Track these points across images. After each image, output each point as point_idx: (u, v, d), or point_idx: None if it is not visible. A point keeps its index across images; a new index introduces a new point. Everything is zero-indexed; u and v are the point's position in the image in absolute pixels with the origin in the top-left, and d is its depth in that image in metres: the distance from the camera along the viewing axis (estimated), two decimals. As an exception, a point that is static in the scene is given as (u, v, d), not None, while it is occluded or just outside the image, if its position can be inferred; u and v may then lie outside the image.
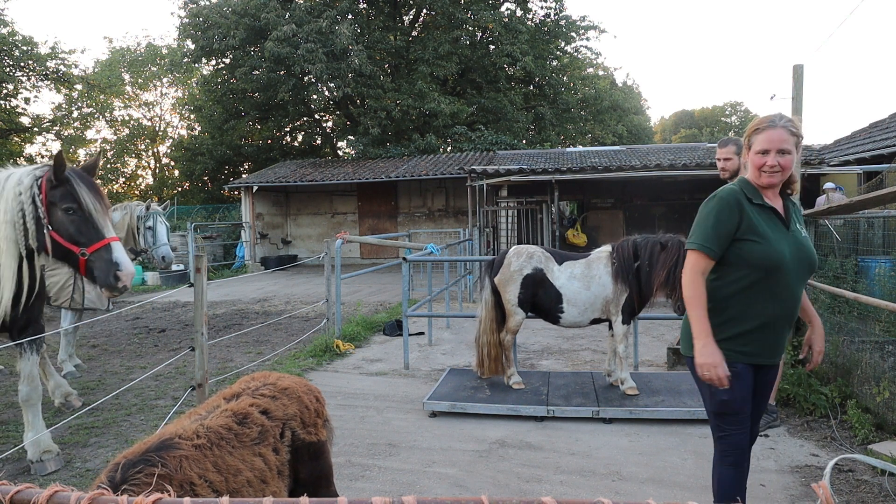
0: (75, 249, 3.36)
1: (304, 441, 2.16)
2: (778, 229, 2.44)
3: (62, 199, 3.36)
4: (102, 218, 3.41)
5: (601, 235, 15.24)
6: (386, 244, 13.91)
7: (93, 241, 3.36)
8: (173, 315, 10.37)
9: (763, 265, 2.39)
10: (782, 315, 2.45)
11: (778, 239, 2.41)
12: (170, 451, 1.65)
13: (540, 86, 25.67)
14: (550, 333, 7.87)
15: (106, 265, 3.35)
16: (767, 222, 2.43)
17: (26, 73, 21.51)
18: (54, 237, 3.36)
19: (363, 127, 21.17)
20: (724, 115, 55.07)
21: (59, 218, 3.37)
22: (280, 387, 2.21)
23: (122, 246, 3.45)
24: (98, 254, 3.35)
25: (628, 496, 3.47)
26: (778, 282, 2.40)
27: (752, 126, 2.50)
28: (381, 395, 5.51)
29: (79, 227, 3.37)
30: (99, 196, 3.43)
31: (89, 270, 3.38)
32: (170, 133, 31.83)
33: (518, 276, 5.12)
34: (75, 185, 3.37)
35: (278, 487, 1.95)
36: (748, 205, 2.43)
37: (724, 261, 2.47)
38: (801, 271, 2.44)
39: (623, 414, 4.63)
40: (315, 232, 20.61)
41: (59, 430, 4.57)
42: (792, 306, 2.46)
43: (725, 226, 2.42)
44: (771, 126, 2.40)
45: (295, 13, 20.39)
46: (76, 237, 3.36)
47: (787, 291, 2.42)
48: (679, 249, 4.64)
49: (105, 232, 3.39)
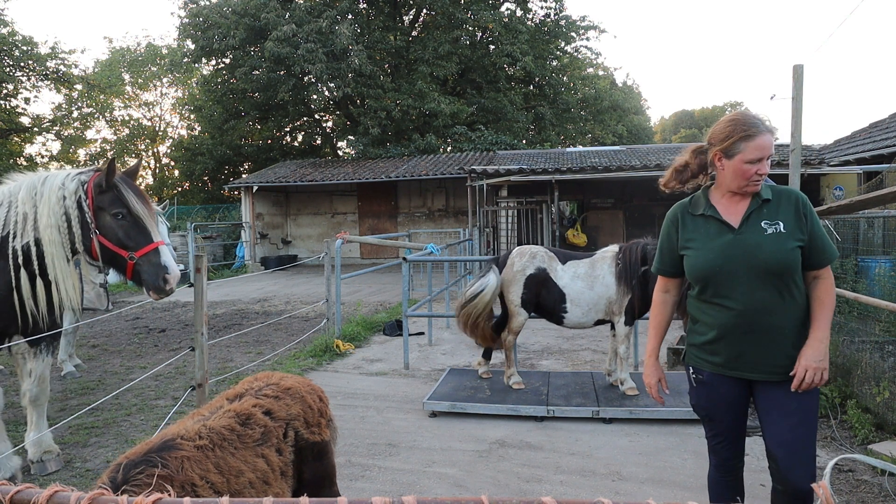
0: (124, 254, 3.46)
1: (308, 441, 2.16)
2: (715, 236, 2.31)
3: (112, 205, 3.45)
4: (150, 223, 3.52)
5: (601, 235, 15.24)
6: (386, 244, 13.91)
7: (141, 246, 3.46)
8: (173, 315, 10.37)
9: (695, 275, 2.35)
10: (738, 323, 2.25)
11: (711, 247, 2.29)
12: (171, 452, 1.65)
13: (540, 86, 25.67)
14: (550, 333, 7.87)
15: (155, 269, 3.46)
16: (705, 230, 2.35)
17: (26, 73, 21.51)
18: (102, 241, 3.45)
19: (363, 127, 21.17)
20: (724, 115, 55.06)
21: (107, 222, 3.46)
22: (283, 387, 2.21)
23: (169, 250, 3.59)
24: (146, 258, 3.46)
25: (628, 496, 3.47)
26: (720, 289, 2.27)
27: (734, 129, 2.27)
28: (381, 395, 5.51)
29: (127, 232, 3.47)
30: (146, 202, 3.54)
31: (136, 274, 3.48)
32: (170, 133, 31.85)
33: (521, 277, 5.11)
34: (123, 190, 3.46)
35: (281, 489, 1.95)
36: (688, 217, 2.42)
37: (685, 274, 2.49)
38: (751, 274, 2.22)
39: (623, 414, 4.63)
40: (315, 232, 20.61)
41: (59, 429, 4.57)
42: (751, 313, 2.23)
43: (667, 243, 2.51)
44: (765, 131, 2.24)
45: (295, 13, 20.39)
46: (125, 241, 3.46)
47: (738, 298, 2.23)
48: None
49: (153, 236, 3.50)
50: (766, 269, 2.21)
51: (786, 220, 2.26)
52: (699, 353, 2.44)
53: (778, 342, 2.24)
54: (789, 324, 2.23)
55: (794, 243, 2.22)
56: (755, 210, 2.30)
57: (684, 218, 2.44)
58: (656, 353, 2.64)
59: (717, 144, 2.33)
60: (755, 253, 2.22)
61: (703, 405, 2.50)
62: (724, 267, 2.26)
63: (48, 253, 3.43)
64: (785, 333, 2.23)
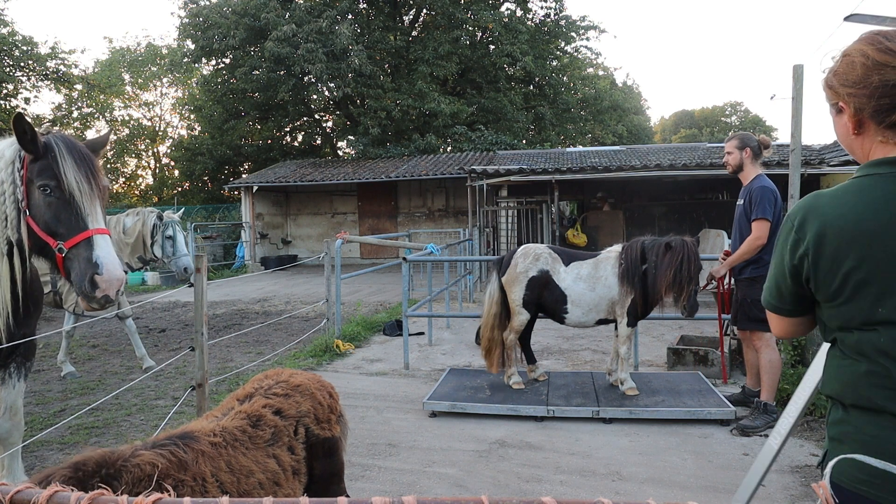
0: (52, 242, 2.51)
1: (319, 437, 2.18)
2: None
3: (39, 175, 2.51)
4: (89, 203, 2.54)
5: (601, 235, 15.23)
6: (386, 244, 13.91)
7: (73, 233, 2.49)
8: (173, 315, 10.37)
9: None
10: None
11: None
12: (191, 443, 1.70)
13: (540, 86, 25.67)
14: (550, 333, 7.87)
15: (82, 266, 2.47)
16: None
17: (26, 73, 21.52)
18: (30, 225, 2.54)
19: (363, 127, 21.18)
20: (724, 115, 55.10)
21: (36, 200, 2.53)
22: (293, 384, 2.23)
23: (109, 242, 2.58)
24: (76, 250, 2.49)
25: (628, 496, 3.47)
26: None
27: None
28: (381, 395, 5.51)
29: (56, 213, 2.51)
30: (89, 173, 2.57)
31: (67, 272, 2.53)
32: (170, 133, 31.86)
33: (523, 278, 5.12)
34: (59, 156, 2.52)
35: (292, 489, 1.96)
36: None
37: None
38: None
39: (623, 414, 4.63)
40: (315, 232, 20.61)
41: (59, 429, 4.57)
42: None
43: None
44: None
45: (295, 13, 20.39)
46: (52, 226, 2.51)
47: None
48: (684, 249, 4.61)
49: (89, 221, 2.52)
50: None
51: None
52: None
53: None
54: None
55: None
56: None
57: None
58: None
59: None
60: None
61: None
62: None
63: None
64: None
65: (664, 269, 4.65)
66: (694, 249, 4.67)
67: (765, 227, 4.33)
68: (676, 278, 4.59)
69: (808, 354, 5.29)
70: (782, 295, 1.48)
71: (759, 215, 4.31)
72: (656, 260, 4.73)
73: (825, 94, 1.46)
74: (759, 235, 4.32)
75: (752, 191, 4.42)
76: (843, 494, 1.35)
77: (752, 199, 4.38)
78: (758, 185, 4.42)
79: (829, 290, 1.35)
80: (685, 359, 5.96)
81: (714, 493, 3.49)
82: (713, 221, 13.23)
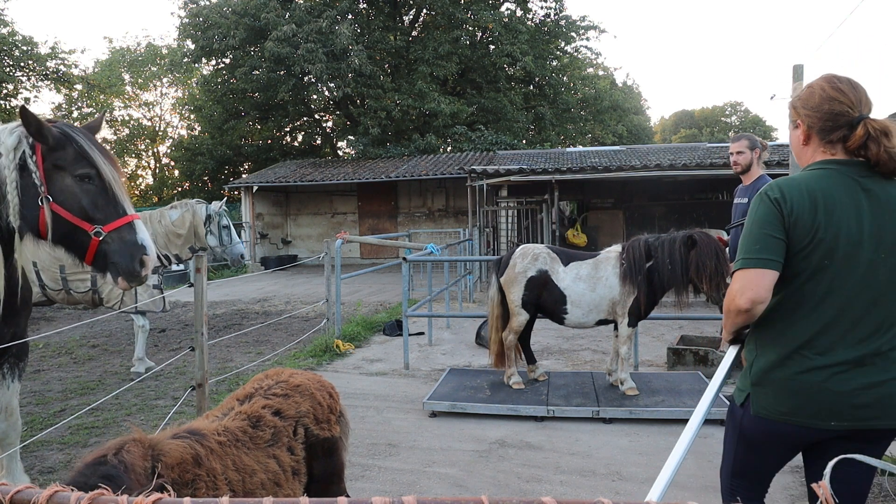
0: (87, 227, 2.65)
1: (318, 437, 2.18)
2: None
3: (75, 163, 2.65)
4: (121, 189, 2.75)
5: (601, 235, 15.24)
6: (386, 244, 13.91)
7: (111, 218, 2.67)
8: (173, 315, 10.37)
9: None
10: None
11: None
12: (202, 439, 1.71)
13: (540, 86, 25.67)
14: (550, 333, 7.87)
15: (129, 248, 2.67)
16: None
17: (26, 73, 21.51)
18: (57, 211, 2.63)
19: (363, 127, 21.18)
20: (724, 115, 55.10)
21: (67, 186, 2.65)
22: (292, 384, 2.22)
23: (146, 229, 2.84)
24: (118, 234, 2.67)
25: (628, 496, 3.47)
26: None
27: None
28: (381, 395, 5.51)
29: (94, 200, 2.66)
30: (115, 162, 2.79)
31: (101, 255, 2.68)
32: (170, 133, 31.86)
33: (522, 279, 5.12)
34: (86, 146, 2.68)
35: (292, 489, 1.96)
36: None
37: None
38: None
39: (623, 414, 4.63)
40: (315, 232, 20.61)
41: (59, 429, 4.57)
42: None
43: None
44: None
45: (295, 13, 20.39)
46: (90, 212, 2.65)
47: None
48: (710, 240, 4.58)
49: (127, 207, 2.73)
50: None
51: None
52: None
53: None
54: None
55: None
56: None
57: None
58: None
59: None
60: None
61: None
62: None
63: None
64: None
65: (704, 260, 4.49)
66: (715, 240, 4.67)
67: None
68: (718, 269, 4.47)
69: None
70: (774, 249, 1.84)
71: None
72: (671, 257, 4.66)
73: (789, 112, 2.03)
74: None
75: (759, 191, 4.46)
76: (765, 423, 1.92)
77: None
78: (765, 184, 4.46)
79: (800, 245, 1.83)
80: (685, 359, 5.96)
81: (714, 493, 3.48)
82: (713, 221, 13.23)
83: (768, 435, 1.94)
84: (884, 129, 1.83)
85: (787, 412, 1.86)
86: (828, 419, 1.82)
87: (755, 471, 2.05)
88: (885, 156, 1.80)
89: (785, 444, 1.95)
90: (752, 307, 1.84)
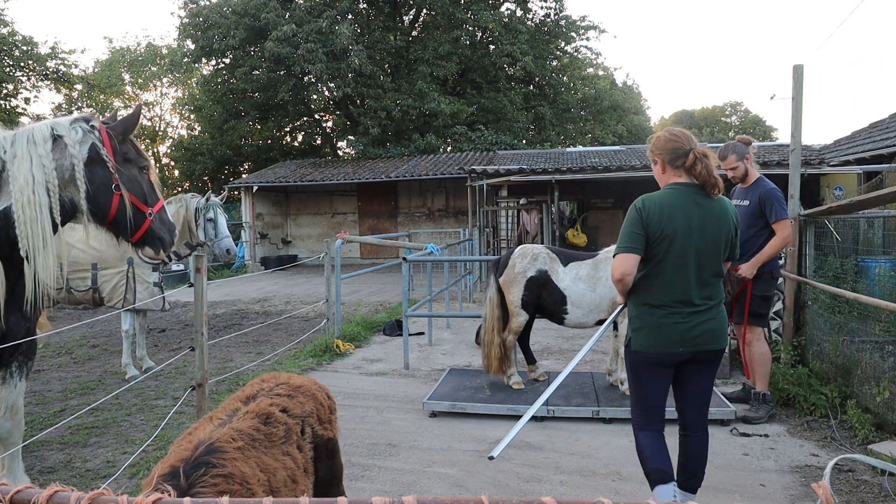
0: (145, 209, 3.14)
1: (323, 438, 2.18)
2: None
3: (138, 157, 3.14)
4: (156, 178, 3.33)
5: (601, 235, 15.23)
6: (386, 244, 13.92)
7: (154, 202, 3.20)
8: (173, 315, 10.37)
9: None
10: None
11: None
12: (219, 455, 1.63)
13: (540, 86, 25.67)
14: (550, 333, 7.87)
15: (167, 225, 3.28)
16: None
17: (26, 73, 21.50)
18: (126, 196, 3.03)
19: (363, 127, 21.18)
20: (724, 115, 55.05)
21: (133, 176, 3.09)
22: (293, 385, 2.22)
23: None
24: (159, 214, 3.24)
25: (628, 496, 3.47)
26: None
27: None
28: (381, 395, 5.51)
29: (148, 187, 3.17)
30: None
31: (149, 232, 3.17)
32: (170, 133, 31.84)
33: (522, 279, 5.11)
34: (133, 140, 3.17)
35: (306, 486, 1.96)
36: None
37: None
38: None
39: (623, 414, 4.62)
40: (315, 232, 20.61)
41: (59, 429, 4.57)
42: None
43: None
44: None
45: (295, 13, 20.39)
46: (148, 197, 3.16)
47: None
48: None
49: (159, 193, 3.29)
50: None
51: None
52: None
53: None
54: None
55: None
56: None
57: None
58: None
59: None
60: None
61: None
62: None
63: (23, 219, 2.73)
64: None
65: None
66: None
67: (788, 226, 4.54)
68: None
69: (808, 354, 5.29)
70: (637, 240, 2.77)
71: (781, 217, 4.47)
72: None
73: (648, 154, 2.99)
74: (786, 235, 4.49)
75: (762, 194, 4.54)
76: (643, 356, 2.86)
77: (765, 203, 4.50)
78: (768, 188, 4.56)
79: (653, 238, 2.76)
80: (685, 359, 5.94)
81: (714, 493, 3.49)
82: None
83: (646, 362, 2.85)
84: (704, 153, 2.80)
85: (653, 345, 2.81)
86: (677, 346, 2.78)
87: (649, 396, 2.90)
88: (705, 172, 2.76)
89: (657, 367, 2.84)
90: (623, 278, 2.78)
